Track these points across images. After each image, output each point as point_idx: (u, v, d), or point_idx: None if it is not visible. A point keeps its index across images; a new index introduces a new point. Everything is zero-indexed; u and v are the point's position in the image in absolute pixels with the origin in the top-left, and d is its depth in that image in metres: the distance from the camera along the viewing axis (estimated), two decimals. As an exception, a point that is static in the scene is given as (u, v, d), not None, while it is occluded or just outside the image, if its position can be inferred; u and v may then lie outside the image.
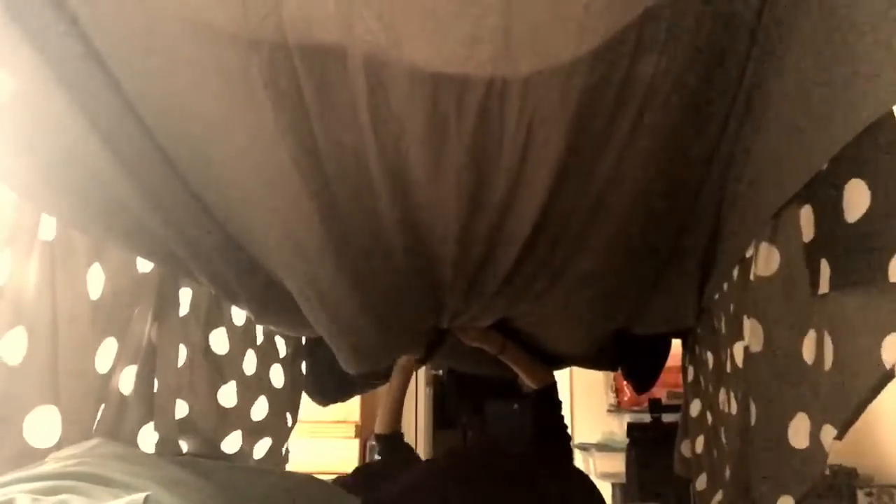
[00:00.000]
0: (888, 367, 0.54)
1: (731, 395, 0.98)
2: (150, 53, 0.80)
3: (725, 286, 1.08)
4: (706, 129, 0.93)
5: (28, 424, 0.85)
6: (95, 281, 0.96)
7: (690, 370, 1.40)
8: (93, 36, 0.78)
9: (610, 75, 0.80)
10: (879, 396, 0.57)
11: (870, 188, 0.57)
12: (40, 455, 0.86)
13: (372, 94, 0.81)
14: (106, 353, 0.98)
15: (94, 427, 0.96)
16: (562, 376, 3.45)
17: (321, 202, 0.94)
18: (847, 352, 0.59)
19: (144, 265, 1.06)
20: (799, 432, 0.70)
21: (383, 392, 1.97)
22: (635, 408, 3.22)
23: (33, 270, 0.85)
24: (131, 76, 0.84)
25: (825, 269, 0.65)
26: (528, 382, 1.70)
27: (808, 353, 0.69)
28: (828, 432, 0.62)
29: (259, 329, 1.47)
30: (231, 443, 1.36)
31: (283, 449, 1.63)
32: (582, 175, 0.95)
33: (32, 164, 0.84)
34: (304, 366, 1.77)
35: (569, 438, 1.71)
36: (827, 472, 2.08)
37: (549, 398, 1.68)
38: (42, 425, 0.87)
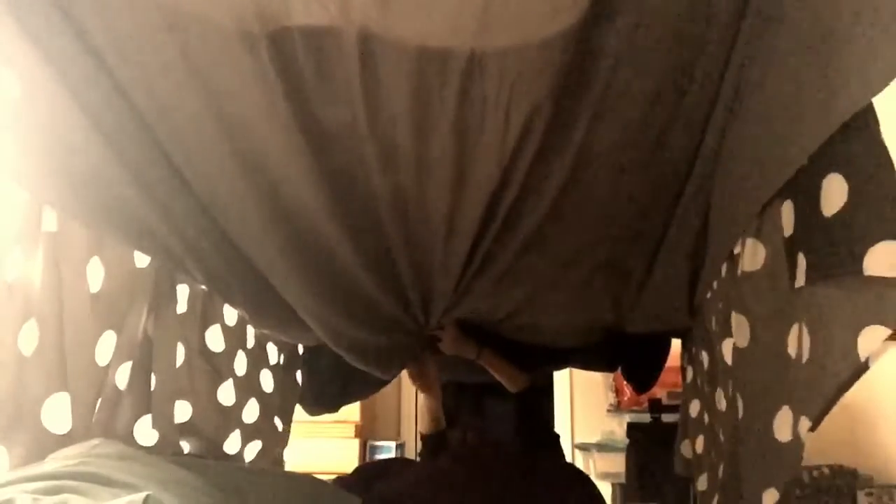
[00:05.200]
0: (864, 358, 0.55)
1: (723, 392, 0.98)
2: (154, 47, 0.83)
3: (716, 284, 1.08)
4: (688, 115, 0.95)
5: (45, 411, 0.87)
6: (95, 274, 0.97)
7: (689, 370, 1.40)
8: (96, 35, 0.81)
9: (581, 49, 0.84)
10: (879, 397, 0.58)
11: (847, 182, 0.58)
12: (56, 441, 0.88)
13: (364, 67, 0.85)
14: (105, 346, 0.99)
15: (93, 419, 0.97)
16: (562, 376, 3.46)
17: (319, 177, 0.98)
18: (824, 344, 0.60)
19: (142, 259, 1.07)
20: (783, 426, 0.70)
21: (383, 393, 1.98)
22: (635, 408, 3.20)
23: (39, 262, 0.88)
24: (133, 74, 0.87)
25: (802, 262, 0.66)
26: (507, 386, 1.72)
27: (791, 347, 0.70)
28: (804, 424, 0.62)
29: (250, 333, 1.48)
30: (232, 443, 1.36)
31: (277, 453, 1.63)
32: (557, 147, 0.98)
33: (36, 158, 0.86)
34: (299, 375, 1.77)
35: (557, 437, 1.72)
36: (826, 471, 2.08)
37: (529, 401, 1.70)
38: (57, 412, 0.89)
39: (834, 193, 0.59)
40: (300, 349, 1.76)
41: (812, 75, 0.64)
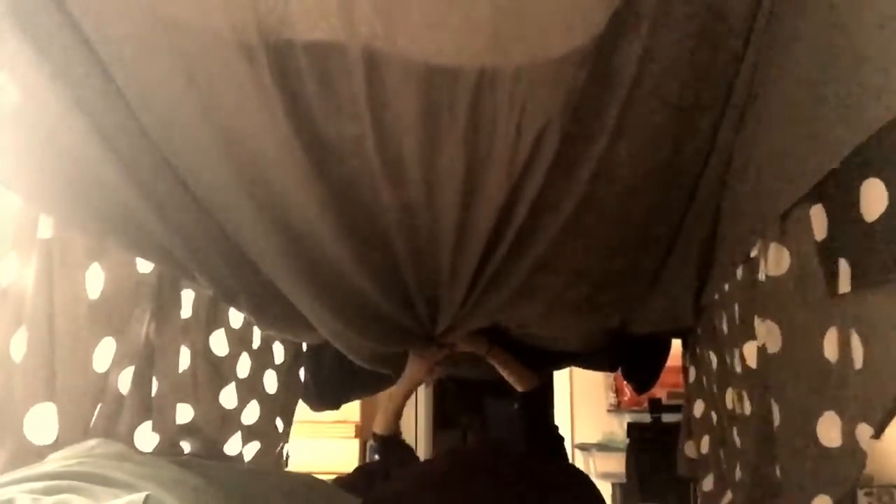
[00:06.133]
0: None
1: (744, 395, 0.97)
2: (154, 57, 0.81)
3: (727, 286, 1.07)
4: (700, 126, 0.94)
5: (28, 421, 0.86)
6: (94, 280, 0.96)
7: (692, 370, 1.39)
8: (95, 41, 0.80)
9: (597, 68, 0.82)
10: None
11: (887, 187, 0.57)
12: (39, 452, 0.86)
13: (370, 84, 0.83)
14: (104, 353, 0.98)
15: (91, 425, 0.96)
16: (562, 376, 3.46)
17: (323, 190, 0.97)
18: (879, 350, 0.59)
19: (145, 266, 1.06)
20: (830, 431, 0.69)
21: (383, 393, 1.97)
22: (635, 408, 3.21)
23: (32, 268, 0.86)
24: (132, 81, 0.85)
25: (844, 267, 0.64)
26: (515, 386, 1.71)
27: (830, 351, 0.69)
28: (864, 431, 0.61)
29: (256, 333, 1.47)
30: (232, 445, 1.35)
31: (277, 452, 1.62)
32: (572, 165, 0.97)
33: (33, 166, 0.84)
34: (302, 373, 1.76)
35: (561, 439, 1.72)
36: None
37: (536, 401, 1.70)
38: (40, 422, 0.87)
39: (874, 199, 0.58)
40: (304, 346, 1.75)
41: (836, 82, 0.63)
